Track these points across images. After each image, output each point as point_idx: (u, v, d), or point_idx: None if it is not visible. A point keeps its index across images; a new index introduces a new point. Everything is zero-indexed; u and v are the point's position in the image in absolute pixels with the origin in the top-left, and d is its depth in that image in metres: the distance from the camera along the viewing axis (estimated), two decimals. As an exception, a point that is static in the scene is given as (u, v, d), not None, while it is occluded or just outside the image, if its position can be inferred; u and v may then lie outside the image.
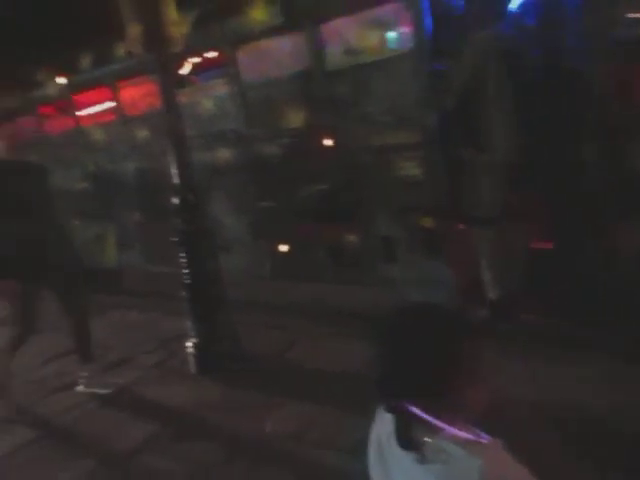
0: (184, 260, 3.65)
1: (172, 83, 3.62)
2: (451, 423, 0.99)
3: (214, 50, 4.94)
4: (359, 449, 1.21)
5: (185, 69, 5.20)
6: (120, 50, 5.44)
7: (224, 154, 5.17)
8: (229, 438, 2.88)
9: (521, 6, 3.41)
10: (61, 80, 6.32)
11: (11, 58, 6.15)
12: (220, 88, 5.11)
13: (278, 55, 4.59)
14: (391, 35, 3.98)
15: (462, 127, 3.41)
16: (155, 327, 4.62)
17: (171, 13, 3.49)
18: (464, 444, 0.97)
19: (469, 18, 3.41)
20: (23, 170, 3.73)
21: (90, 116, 6.56)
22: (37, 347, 4.38)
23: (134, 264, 6.17)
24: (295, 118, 4.65)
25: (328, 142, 4.39)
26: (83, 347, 3.70)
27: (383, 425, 1.13)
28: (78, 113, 6.51)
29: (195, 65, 5.21)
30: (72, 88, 6.30)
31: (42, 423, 3.30)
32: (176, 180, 3.63)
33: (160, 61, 3.49)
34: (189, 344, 3.73)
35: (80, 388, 3.67)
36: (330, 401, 3.02)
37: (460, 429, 0.99)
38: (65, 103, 6.49)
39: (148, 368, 3.90)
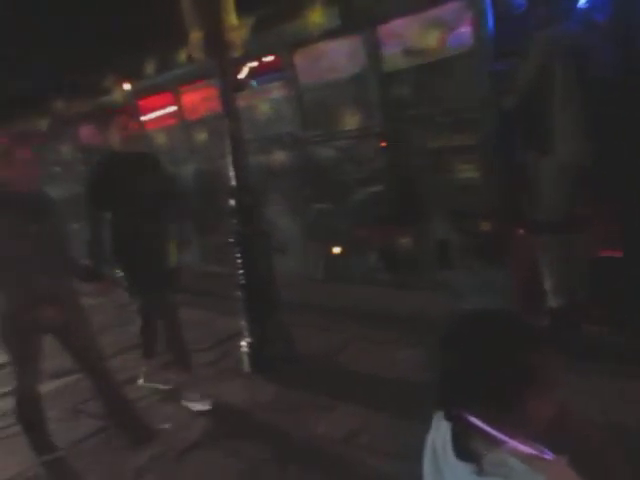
0: (239, 261, 3.71)
1: (231, 87, 3.69)
2: (513, 436, 0.95)
3: (272, 54, 5.02)
4: (410, 455, 1.18)
5: (243, 73, 5.30)
6: (181, 56, 5.63)
7: (280, 156, 5.24)
8: (281, 438, 2.90)
9: (590, 2, 3.25)
10: (126, 86, 6.60)
11: (80, 65, 6.49)
12: (277, 91, 5.18)
13: (335, 57, 4.61)
14: (451, 35, 3.90)
15: (525, 128, 3.29)
16: (211, 326, 4.72)
17: (231, 19, 3.57)
18: (526, 459, 0.93)
19: (533, 16, 3.29)
20: (144, 161, 3.56)
21: (153, 120, 6.81)
22: (102, 342, 4.59)
23: (191, 263, 6.35)
24: (351, 120, 4.64)
25: (384, 144, 4.36)
26: (149, 344, 3.77)
27: (439, 433, 1.10)
28: (142, 118, 6.77)
29: (253, 69, 5.30)
30: (136, 94, 6.56)
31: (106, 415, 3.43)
32: (233, 182, 3.70)
33: (220, 66, 3.57)
34: (243, 344, 3.79)
35: (141, 382, 3.79)
36: (381, 405, 2.99)
37: (522, 443, 0.95)
38: (130, 108, 6.76)
39: (204, 366, 3.99)
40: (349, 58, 4.48)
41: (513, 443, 0.94)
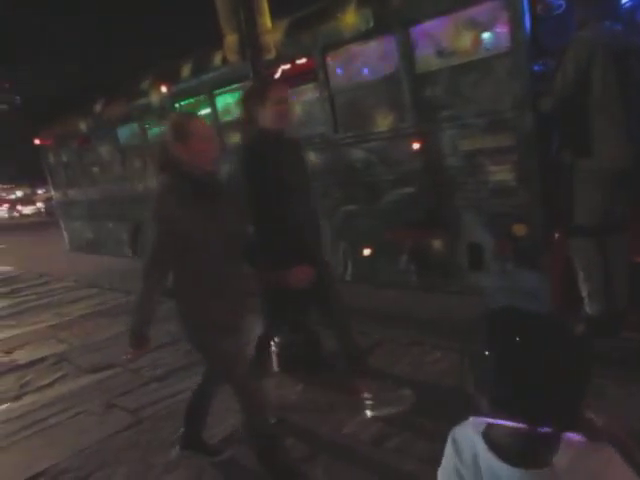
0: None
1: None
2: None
3: (305, 56, 5.04)
4: (438, 458, 1.16)
5: (276, 75, 5.34)
6: (216, 59, 5.71)
7: (311, 157, 5.26)
8: (308, 437, 2.91)
9: (633, 1, 3.17)
10: (163, 89, 6.74)
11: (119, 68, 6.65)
12: (309, 93, 5.20)
13: (368, 59, 4.60)
14: (487, 35, 3.86)
15: (563, 130, 3.22)
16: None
17: (266, 22, 3.62)
18: (588, 451, 0.94)
19: (572, 16, 3.22)
20: (298, 147, 3.07)
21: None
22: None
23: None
24: (383, 122, 4.63)
25: (416, 146, 4.33)
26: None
27: (463, 456, 1.06)
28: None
29: (286, 70, 5.34)
30: (173, 97, 6.69)
31: (138, 410, 3.50)
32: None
33: (254, 68, 3.61)
34: (272, 343, 3.81)
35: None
36: (409, 407, 2.97)
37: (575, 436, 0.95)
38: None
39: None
40: (382, 59, 4.48)
41: (571, 436, 0.93)
